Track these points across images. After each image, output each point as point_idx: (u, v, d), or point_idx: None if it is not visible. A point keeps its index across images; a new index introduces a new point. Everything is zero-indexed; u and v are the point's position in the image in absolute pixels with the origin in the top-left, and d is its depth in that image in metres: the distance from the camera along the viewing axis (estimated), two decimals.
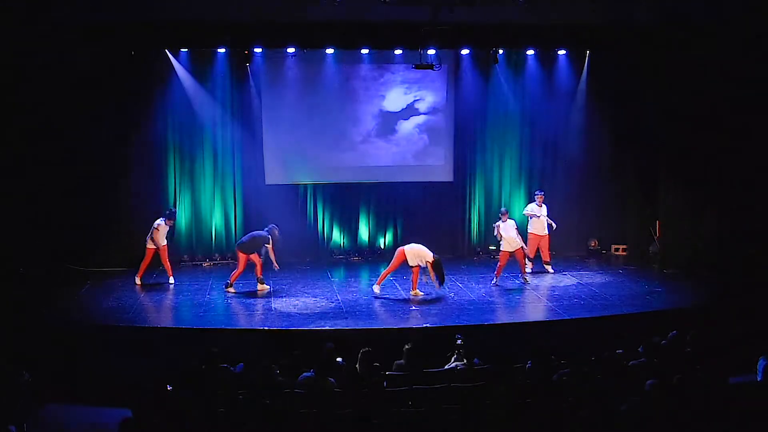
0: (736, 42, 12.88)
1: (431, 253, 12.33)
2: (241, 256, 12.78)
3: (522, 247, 13.23)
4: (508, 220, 13.28)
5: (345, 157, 15.41)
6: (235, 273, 12.78)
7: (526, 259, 13.81)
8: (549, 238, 14.29)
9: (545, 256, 14.32)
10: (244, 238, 13.02)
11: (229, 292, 12.70)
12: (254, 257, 12.84)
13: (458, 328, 10.81)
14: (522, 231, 13.67)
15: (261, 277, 12.95)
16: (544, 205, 14.26)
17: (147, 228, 13.93)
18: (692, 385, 7.43)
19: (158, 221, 13.17)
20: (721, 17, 12.77)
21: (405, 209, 15.62)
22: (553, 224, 14.19)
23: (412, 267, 12.44)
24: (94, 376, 9.55)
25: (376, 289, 12.57)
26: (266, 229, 12.87)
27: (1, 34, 12.08)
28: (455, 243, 15.99)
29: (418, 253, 12.36)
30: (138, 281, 13.18)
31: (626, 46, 14.37)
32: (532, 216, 14.25)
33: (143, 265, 13.21)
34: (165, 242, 13.33)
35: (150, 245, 13.15)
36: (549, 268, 14.31)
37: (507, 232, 13.16)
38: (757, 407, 7.15)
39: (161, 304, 12.27)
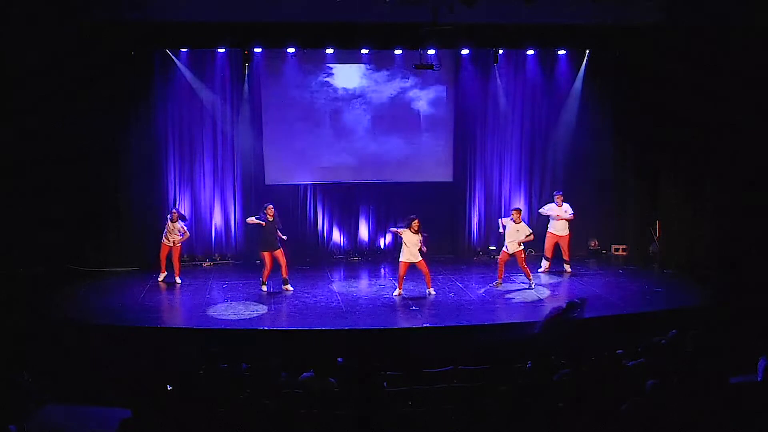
0: (736, 42, 12.87)
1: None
2: (264, 255, 12.84)
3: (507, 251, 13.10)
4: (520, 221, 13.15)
5: (345, 158, 15.42)
6: (264, 271, 12.87)
7: (544, 260, 14.18)
8: (569, 237, 14.26)
9: (566, 255, 14.28)
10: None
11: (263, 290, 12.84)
12: (279, 255, 12.81)
13: (458, 328, 10.83)
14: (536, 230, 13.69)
15: (286, 277, 12.95)
16: (565, 204, 14.21)
17: (147, 227, 14.05)
18: (692, 385, 7.42)
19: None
20: (721, 17, 12.76)
21: (405, 209, 15.59)
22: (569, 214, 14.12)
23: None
24: (94, 376, 9.55)
25: (397, 292, 12.58)
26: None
27: (1, 34, 12.08)
28: (455, 243, 15.99)
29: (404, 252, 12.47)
30: (161, 277, 13.40)
31: (626, 46, 14.37)
32: (550, 216, 14.28)
33: (161, 262, 13.46)
34: (177, 241, 13.41)
35: (164, 242, 13.38)
36: (567, 267, 14.30)
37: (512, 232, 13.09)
38: (757, 407, 7.14)
39: (161, 304, 12.28)
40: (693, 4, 13.15)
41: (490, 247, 15.88)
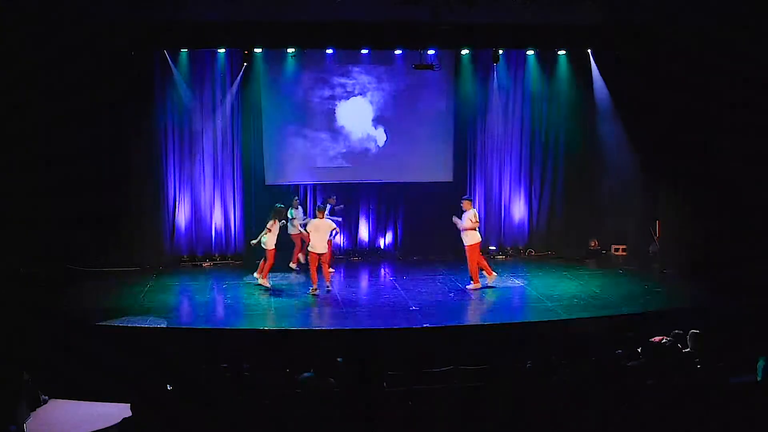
0: (736, 42, 12.86)
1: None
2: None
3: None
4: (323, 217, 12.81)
5: (345, 157, 15.43)
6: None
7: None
8: (474, 247, 12.89)
9: (474, 267, 12.90)
10: None
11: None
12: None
13: (458, 328, 10.83)
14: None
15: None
16: (470, 210, 13.06)
17: (147, 228, 14.08)
18: (692, 385, 7.42)
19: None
20: (721, 17, 12.75)
21: (405, 209, 15.63)
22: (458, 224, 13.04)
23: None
24: (94, 376, 9.55)
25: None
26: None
27: (1, 35, 12.08)
28: (455, 243, 15.93)
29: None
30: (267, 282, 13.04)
31: (626, 46, 14.36)
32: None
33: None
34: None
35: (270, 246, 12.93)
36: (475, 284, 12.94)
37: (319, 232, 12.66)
38: (757, 407, 7.14)
39: (161, 304, 12.26)
40: (694, 3, 13.13)
41: (490, 247, 15.89)
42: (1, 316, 10.57)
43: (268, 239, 12.79)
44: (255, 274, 13.18)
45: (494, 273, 13.03)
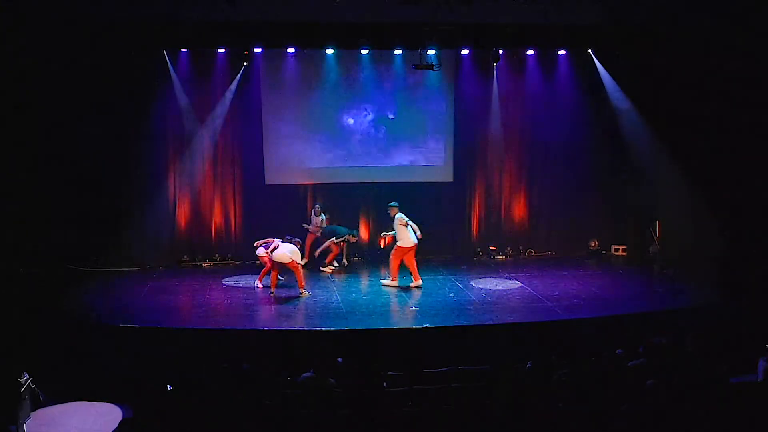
0: (736, 42, 12.86)
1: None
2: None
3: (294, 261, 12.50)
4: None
5: (345, 158, 15.43)
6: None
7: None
8: (403, 249, 12.92)
9: (396, 265, 13.06)
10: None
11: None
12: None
13: (458, 328, 10.82)
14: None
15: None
16: (396, 215, 13.08)
17: (147, 228, 14.02)
18: (692, 385, 7.43)
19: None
20: (721, 17, 12.75)
21: (405, 209, 15.58)
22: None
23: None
24: (94, 377, 9.55)
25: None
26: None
27: (1, 34, 12.08)
28: (455, 243, 15.99)
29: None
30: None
31: (626, 46, 14.36)
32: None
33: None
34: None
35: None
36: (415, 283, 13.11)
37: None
38: (757, 407, 7.15)
39: (161, 304, 12.26)
40: (694, 3, 13.14)
41: (491, 247, 15.88)
42: (1, 316, 10.58)
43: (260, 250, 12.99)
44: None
45: (420, 279, 13.03)
